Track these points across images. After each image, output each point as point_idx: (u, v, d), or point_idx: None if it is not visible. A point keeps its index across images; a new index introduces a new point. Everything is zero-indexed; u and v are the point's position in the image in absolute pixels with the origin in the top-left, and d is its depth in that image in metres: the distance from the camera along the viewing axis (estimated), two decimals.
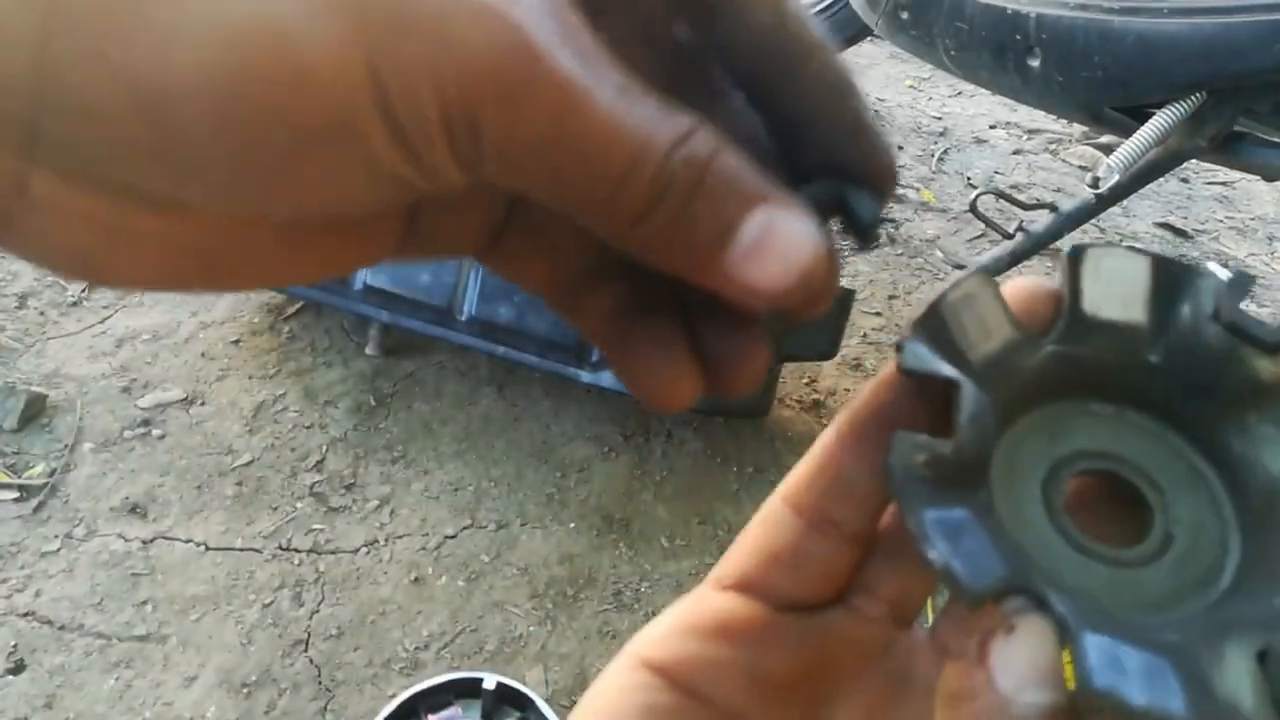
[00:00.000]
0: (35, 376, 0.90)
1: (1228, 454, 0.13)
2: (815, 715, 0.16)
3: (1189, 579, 0.13)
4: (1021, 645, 0.11)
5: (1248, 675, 0.10)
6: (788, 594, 0.16)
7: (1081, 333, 0.14)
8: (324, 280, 0.13)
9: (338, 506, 0.82)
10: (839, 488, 0.15)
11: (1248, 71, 0.82)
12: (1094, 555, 0.12)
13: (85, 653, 0.70)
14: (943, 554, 0.11)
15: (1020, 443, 0.14)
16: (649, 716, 0.15)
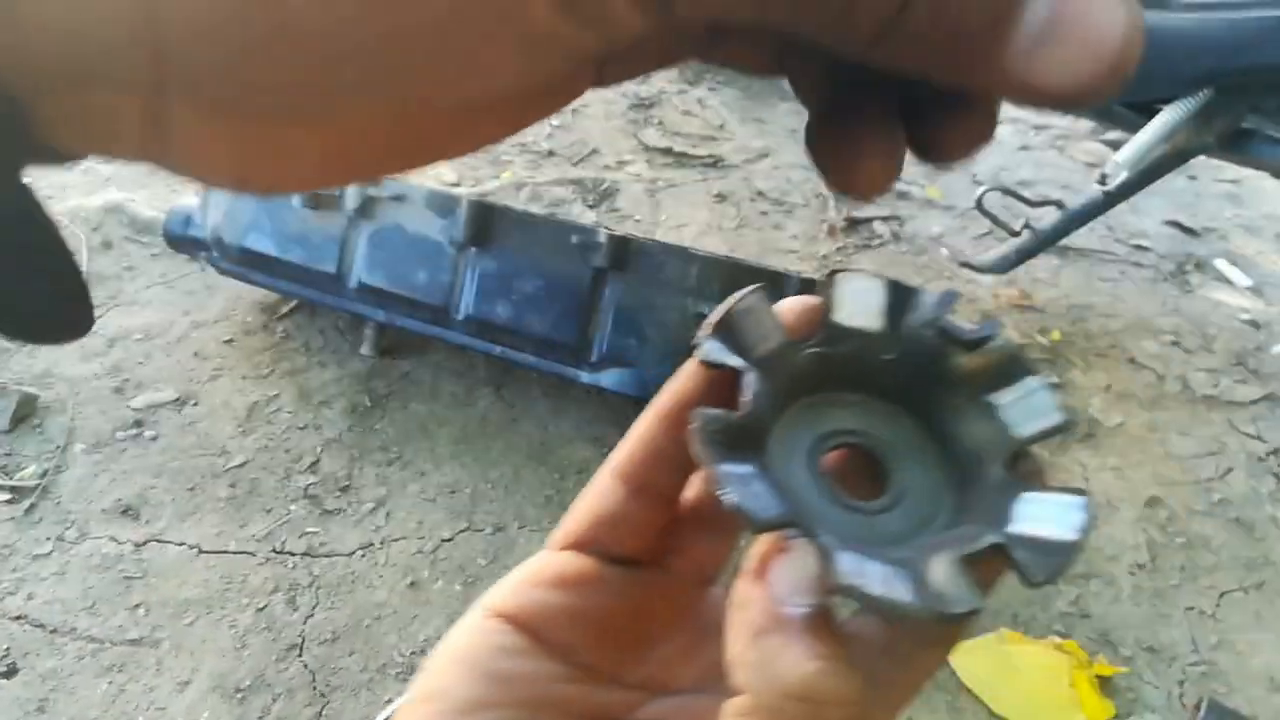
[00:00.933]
0: (26, 377, 0.89)
1: (943, 429, 0.18)
2: (633, 655, 0.19)
3: (914, 522, 0.17)
4: (792, 562, 0.14)
5: (952, 573, 0.14)
6: (612, 549, 0.19)
7: (836, 338, 0.18)
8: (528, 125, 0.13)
9: (332, 509, 0.81)
10: (654, 457, 0.18)
11: (1256, 67, 0.81)
12: (845, 506, 0.16)
13: (77, 657, 0.69)
14: (735, 495, 0.14)
15: (792, 423, 0.17)
16: (499, 655, 0.18)
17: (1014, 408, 0.17)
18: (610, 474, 0.19)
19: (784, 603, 0.14)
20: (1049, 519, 0.15)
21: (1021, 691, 0.70)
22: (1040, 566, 0.14)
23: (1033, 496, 0.15)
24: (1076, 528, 0.14)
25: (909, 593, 0.13)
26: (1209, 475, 0.92)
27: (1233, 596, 0.81)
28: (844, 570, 0.13)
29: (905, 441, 0.18)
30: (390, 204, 0.86)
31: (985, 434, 0.17)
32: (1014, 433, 0.17)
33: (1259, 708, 0.72)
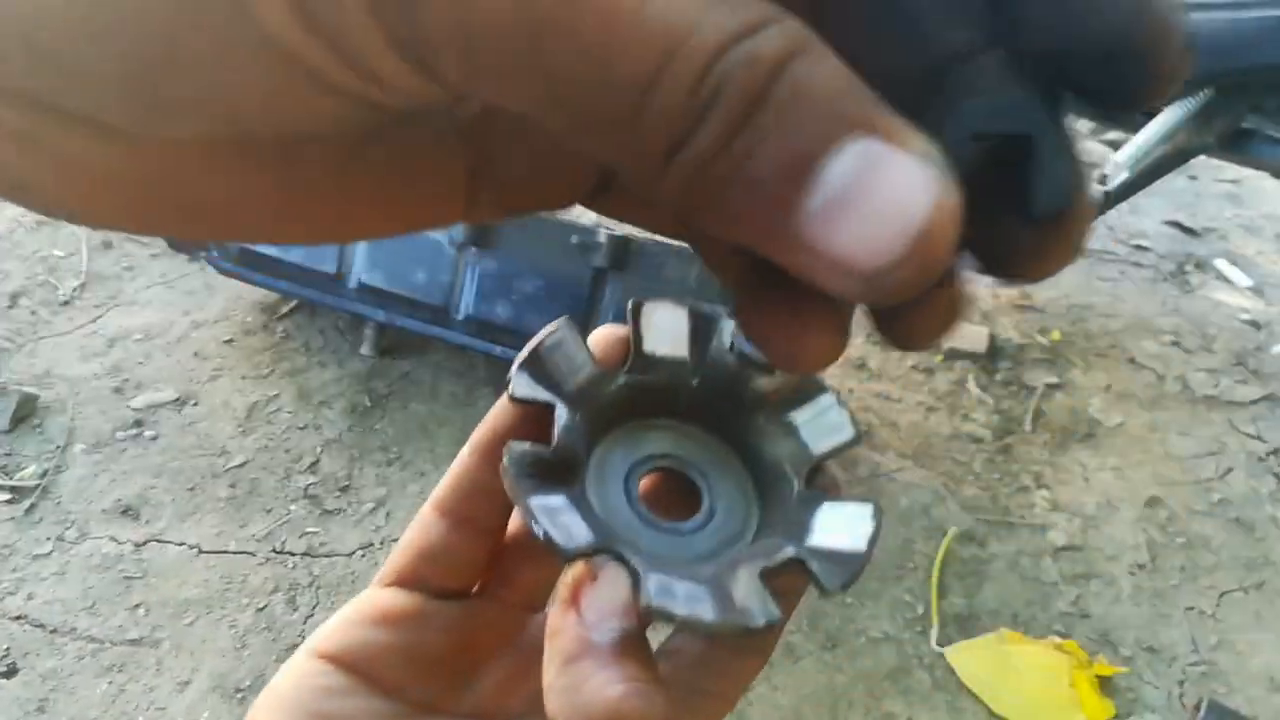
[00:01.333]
0: (27, 377, 0.89)
1: (748, 448, 0.18)
2: (463, 686, 0.19)
3: (725, 538, 0.17)
4: (602, 589, 0.14)
5: (753, 589, 0.15)
6: (436, 583, 0.19)
7: (645, 366, 0.18)
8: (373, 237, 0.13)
9: (332, 509, 0.81)
10: (473, 491, 0.18)
11: (1256, 67, 0.81)
12: (660, 528, 0.17)
13: (77, 657, 0.69)
14: (543, 526, 0.14)
15: (609, 450, 0.18)
16: (323, 697, 0.17)
17: (810, 425, 0.18)
18: (431, 508, 0.19)
19: (593, 629, 0.14)
20: (842, 529, 0.16)
21: (1021, 691, 0.70)
22: (833, 577, 0.15)
23: (829, 508, 0.16)
24: (866, 537, 0.15)
25: (712, 610, 0.14)
26: (1209, 475, 0.92)
27: (1233, 596, 0.81)
28: (652, 592, 0.14)
29: (714, 462, 0.18)
30: None
31: (786, 451, 0.18)
32: (811, 449, 0.18)
33: (1259, 708, 0.72)
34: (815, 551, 0.15)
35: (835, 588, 0.15)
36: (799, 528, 0.16)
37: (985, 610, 0.77)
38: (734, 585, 0.15)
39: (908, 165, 0.09)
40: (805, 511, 0.16)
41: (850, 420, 0.18)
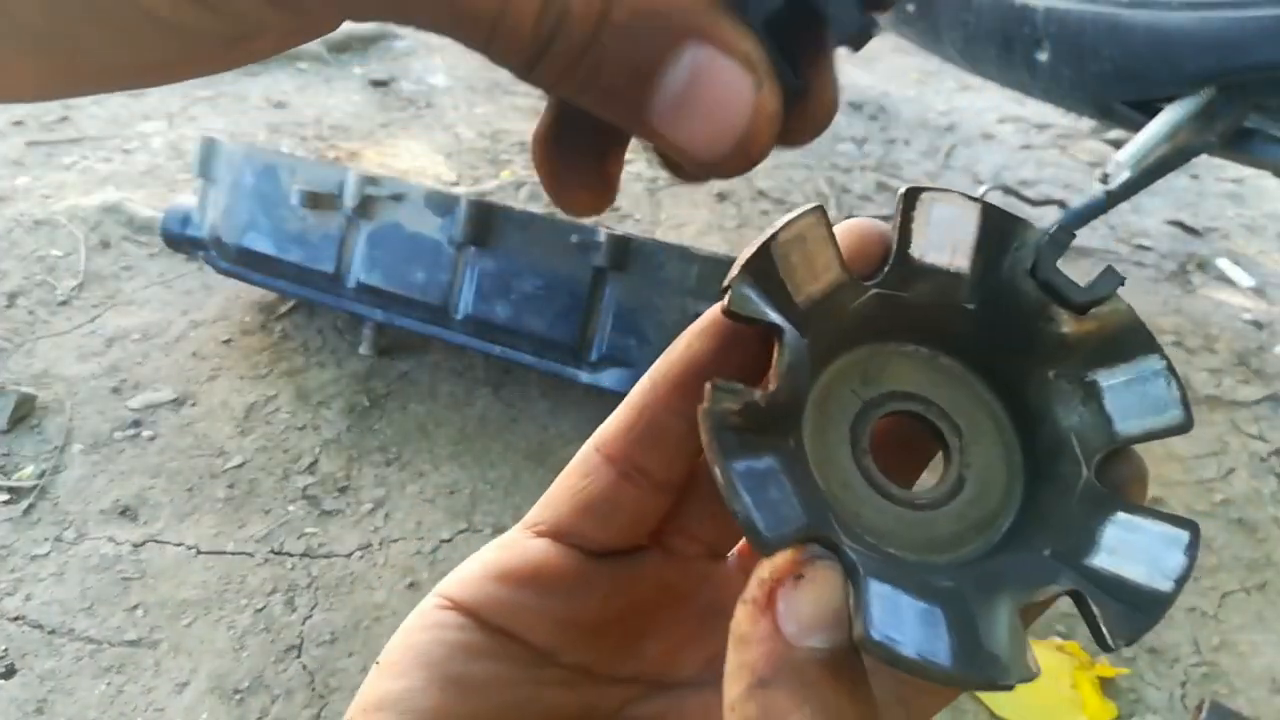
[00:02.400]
0: (24, 376, 0.89)
1: (1025, 405, 0.14)
2: (626, 650, 0.16)
3: (973, 523, 0.13)
4: (808, 593, 0.11)
5: (1008, 628, 0.11)
6: (599, 541, 0.16)
7: (906, 277, 0.14)
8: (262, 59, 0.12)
9: (331, 510, 0.81)
10: (651, 436, 0.15)
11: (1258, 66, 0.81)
12: (890, 497, 0.13)
13: (76, 658, 0.69)
14: (745, 505, 0.11)
15: (835, 383, 0.14)
16: (459, 655, 0.15)
17: (1123, 393, 0.13)
18: (596, 451, 0.16)
19: (795, 643, 0.11)
20: (1142, 555, 0.12)
21: (1023, 693, 0.70)
22: (1121, 625, 0.11)
23: (1127, 520, 0.12)
24: (1174, 574, 0.12)
25: (948, 651, 0.10)
26: (1211, 475, 0.92)
27: (1235, 597, 0.80)
28: (874, 615, 0.10)
29: (975, 415, 0.14)
30: (389, 203, 0.85)
31: (1081, 421, 0.13)
32: (1118, 426, 0.13)
33: (1261, 709, 0.72)
34: (1099, 580, 0.11)
35: (1121, 642, 0.11)
36: (1080, 536, 0.12)
37: None
38: (981, 615, 0.11)
39: (733, 71, 0.10)
40: (1092, 515, 0.12)
41: (1180, 397, 0.13)
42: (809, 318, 0.13)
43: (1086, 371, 0.14)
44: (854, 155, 1.41)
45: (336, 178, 0.86)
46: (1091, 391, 0.13)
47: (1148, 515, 0.12)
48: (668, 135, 0.10)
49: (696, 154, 0.11)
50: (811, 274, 0.13)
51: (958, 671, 0.10)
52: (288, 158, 0.91)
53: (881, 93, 1.63)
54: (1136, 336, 0.14)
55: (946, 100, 1.64)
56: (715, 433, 0.12)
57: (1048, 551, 0.12)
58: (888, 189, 1.33)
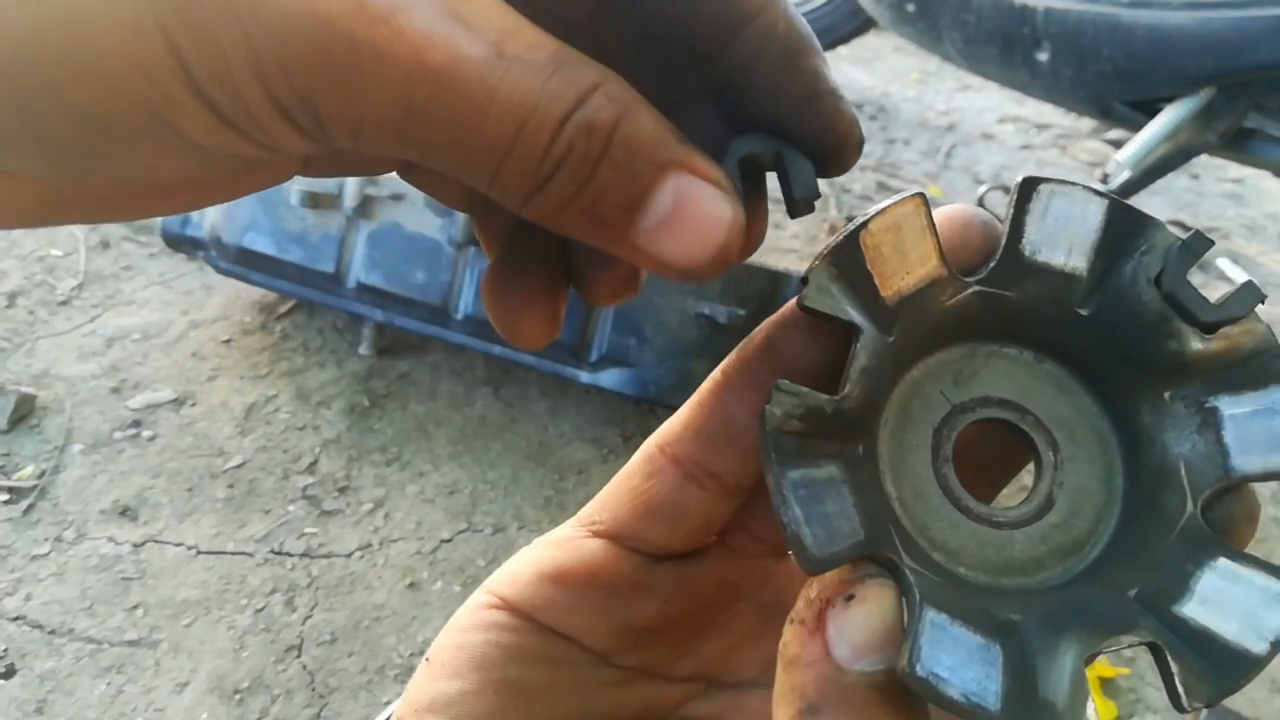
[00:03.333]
0: (24, 376, 0.89)
1: (1134, 425, 0.13)
2: (684, 650, 0.16)
3: (1057, 548, 0.12)
4: (860, 615, 0.11)
5: (1070, 675, 0.10)
6: (661, 546, 0.15)
7: (1014, 275, 0.13)
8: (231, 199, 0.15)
9: (331, 509, 0.81)
10: (721, 436, 0.14)
11: (1258, 66, 0.81)
12: (968, 512, 0.12)
13: (76, 658, 0.69)
14: (794, 519, 0.10)
15: (924, 382, 0.13)
16: (515, 659, 0.14)
17: (1247, 424, 0.12)
18: (662, 452, 0.15)
19: (845, 666, 0.11)
20: (1237, 609, 0.11)
21: None
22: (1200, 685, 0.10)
23: (1228, 568, 0.11)
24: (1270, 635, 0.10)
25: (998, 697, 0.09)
26: None
27: None
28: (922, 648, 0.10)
29: (1077, 431, 0.13)
30: (389, 203, 0.85)
31: (1193, 451, 0.12)
32: (1235, 460, 0.12)
33: (1261, 709, 0.72)
34: (1184, 631, 0.10)
35: (1198, 704, 0.10)
36: (1173, 579, 0.11)
37: None
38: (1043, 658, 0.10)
39: (712, 194, 0.12)
40: (1190, 557, 0.11)
41: None
42: (897, 315, 0.12)
43: (1208, 396, 0.12)
44: None
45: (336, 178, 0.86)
46: (1210, 419, 0.12)
47: (1252, 565, 0.11)
48: (651, 252, 0.12)
49: (677, 265, 0.12)
50: (904, 267, 0.12)
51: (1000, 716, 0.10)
52: None
53: (882, 93, 1.63)
54: (1270, 363, 0.12)
55: (946, 100, 1.64)
56: (771, 437, 0.11)
57: (1133, 592, 0.11)
58: (887, 189, 1.33)
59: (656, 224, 0.12)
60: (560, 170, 0.11)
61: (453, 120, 0.10)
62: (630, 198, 0.11)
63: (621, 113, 0.11)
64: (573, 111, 0.11)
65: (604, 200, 0.11)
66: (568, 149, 0.11)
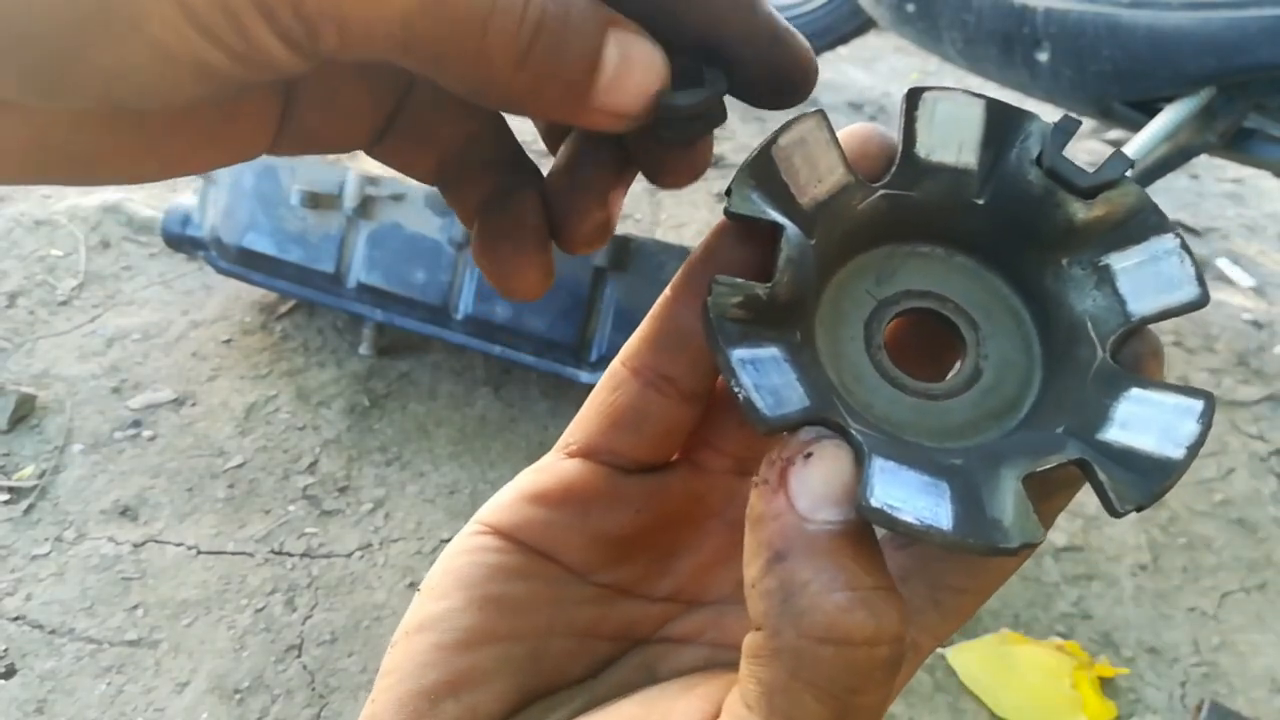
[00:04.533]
0: (24, 376, 0.89)
1: (1040, 293, 0.14)
2: (659, 568, 0.17)
3: (989, 411, 0.13)
4: (818, 469, 0.12)
5: (1012, 495, 0.11)
6: (629, 455, 0.16)
7: (913, 176, 0.14)
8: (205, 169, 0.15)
9: (331, 509, 0.81)
10: (673, 343, 0.15)
11: (1258, 66, 0.81)
12: (904, 388, 0.13)
13: (76, 658, 0.69)
14: (745, 387, 0.11)
15: (848, 283, 0.14)
16: (497, 576, 0.15)
17: (1135, 274, 0.13)
18: (623, 366, 0.16)
19: (808, 518, 0.12)
20: (1154, 426, 0.12)
21: (1023, 693, 0.70)
22: (1129, 491, 0.11)
23: (1140, 395, 0.12)
24: (1185, 441, 0.11)
25: (950, 518, 0.11)
26: (1211, 475, 0.92)
27: (1234, 597, 0.80)
28: (874, 485, 0.11)
29: (991, 309, 0.14)
30: (389, 203, 0.85)
31: (1095, 305, 0.13)
32: (1131, 306, 0.13)
33: (1261, 709, 0.72)
34: (1109, 451, 0.11)
35: (1128, 507, 0.11)
36: (1093, 414, 0.12)
37: (986, 611, 0.76)
38: (986, 487, 0.11)
39: (642, 42, 0.13)
40: (1106, 393, 0.12)
41: (1195, 274, 0.13)
42: (815, 219, 0.13)
43: (1099, 256, 0.13)
44: None
45: (336, 178, 0.86)
46: (1105, 276, 0.13)
47: (1161, 389, 0.12)
48: (609, 108, 0.13)
49: (628, 113, 0.13)
50: (815, 176, 0.13)
51: (957, 535, 0.10)
52: (288, 158, 0.91)
53: (882, 93, 1.63)
54: (1148, 218, 0.13)
55: None
56: (716, 323, 0.12)
57: (1060, 429, 0.12)
58: None
59: (610, 80, 0.13)
60: (539, 38, 0.12)
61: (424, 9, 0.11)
62: (589, 58, 0.12)
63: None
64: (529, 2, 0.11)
65: (573, 64, 0.12)
66: (541, 15, 0.12)
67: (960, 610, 0.14)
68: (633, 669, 0.16)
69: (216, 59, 0.11)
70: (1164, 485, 0.11)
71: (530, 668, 0.15)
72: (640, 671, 0.16)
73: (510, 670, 0.15)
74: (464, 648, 0.15)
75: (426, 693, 0.15)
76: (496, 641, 0.15)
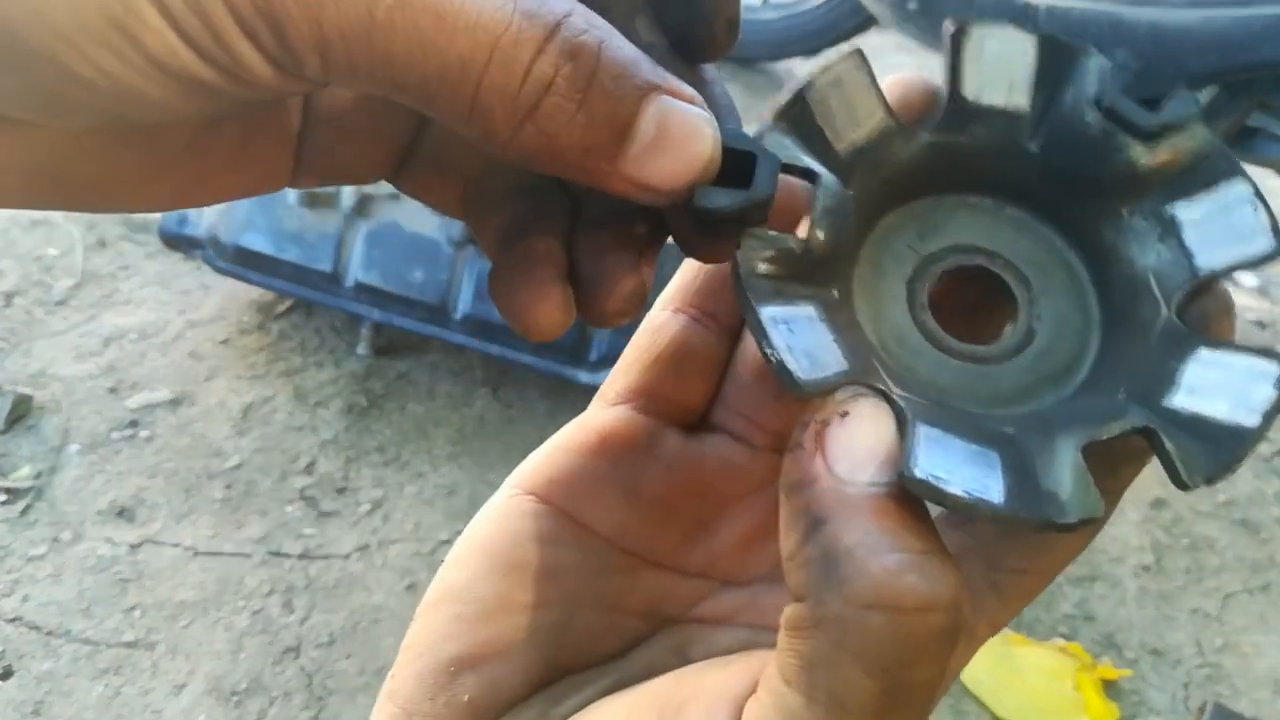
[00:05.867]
0: (21, 376, 0.89)
1: (1098, 247, 0.13)
2: (693, 541, 0.16)
3: (1043, 375, 0.12)
4: (856, 429, 0.11)
5: (1070, 468, 0.10)
6: (669, 395, 0.16)
7: (961, 121, 0.13)
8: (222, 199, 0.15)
9: (329, 510, 0.80)
10: (712, 286, 0.15)
11: (1262, 64, 0.80)
12: (951, 351, 0.12)
13: (73, 659, 0.69)
14: (777, 349, 0.10)
15: (888, 238, 0.13)
16: (529, 544, 0.15)
17: (1204, 225, 0.12)
18: (662, 309, 0.16)
19: (848, 481, 0.11)
20: (1225, 391, 0.11)
21: (1025, 694, 0.70)
22: (1200, 462, 0.10)
23: (1210, 356, 0.11)
24: (1260, 408, 0.11)
25: (1001, 491, 0.10)
26: None
27: (1238, 598, 0.80)
28: (918, 454, 0.10)
29: (1044, 264, 0.13)
30: (387, 202, 0.85)
31: (1159, 259, 0.12)
32: (1199, 260, 0.12)
33: (1264, 710, 0.71)
34: (1176, 419, 0.11)
35: (1199, 480, 0.10)
36: (1158, 378, 0.11)
37: None
38: (1041, 457, 0.10)
39: (692, 113, 0.12)
40: (1172, 355, 0.11)
41: (1270, 224, 0.12)
42: (852, 168, 0.12)
43: (1164, 205, 0.12)
44: None
45: None
46: (1170, 226, 0.12)
47: (1233, 350, 0.11)
48: (639, 179, 0.12)
49: (664, 188, 0.12)
50: (853, 120, 0.13)
51: (1009, 509, 0.10)
52: None
53: None
54: (1217, 163, 0.12)
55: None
56: (745, 279, 0.11)
57: (1121, 395, 0.11)
58: None
59: (643, 149, 0.12)
60: (549, 97, 0.11)
61: (418, 32, 0.10)
62: (618, 125, 0.11)
63: (603, 37, 0.11)
64: (553, 34, 0.11)
65: (595, 129, 0.11)
66: (553, 72, 0.11)
67: (1021, 594, 0.13)
68: (664, 650, 0.15)
69: (205, 74, 0.10)
70: (1237, 455, 0.11)
71: (555, 641, 0.14)
72: (672, 654, 0.15)
73: (534, 643, 0.14)
74: (485, 618, 0.14)
75: (445, 666, 0.14)
76: (519, 611, 0.14)
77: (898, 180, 0.13)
